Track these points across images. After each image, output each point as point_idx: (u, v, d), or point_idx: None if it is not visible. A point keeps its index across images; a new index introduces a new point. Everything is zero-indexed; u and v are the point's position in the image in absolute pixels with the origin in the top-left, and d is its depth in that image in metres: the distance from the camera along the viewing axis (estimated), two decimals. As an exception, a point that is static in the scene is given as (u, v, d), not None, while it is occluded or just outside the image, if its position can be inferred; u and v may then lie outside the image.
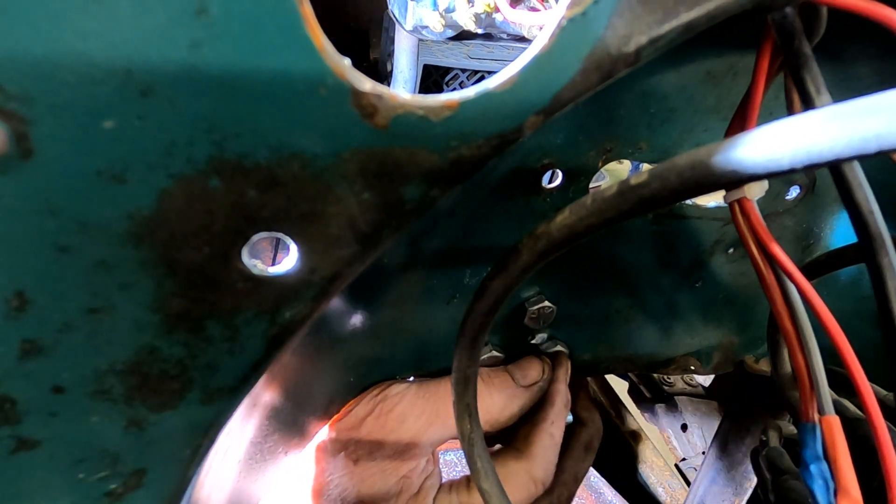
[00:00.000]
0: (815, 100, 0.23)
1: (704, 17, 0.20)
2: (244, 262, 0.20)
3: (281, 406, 0.39)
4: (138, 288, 0.20)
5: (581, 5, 0.19)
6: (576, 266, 0.42)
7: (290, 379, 0.38)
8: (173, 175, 0.18)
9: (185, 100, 0.17)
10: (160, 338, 0.21)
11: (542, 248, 0.23)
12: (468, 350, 0.29)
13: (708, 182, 0.17)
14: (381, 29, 1.32)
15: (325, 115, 0.18)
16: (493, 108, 0.20)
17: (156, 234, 0.19)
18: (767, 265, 0.25)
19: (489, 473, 0.33)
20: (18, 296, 0.19)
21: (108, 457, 0.23)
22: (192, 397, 0.23)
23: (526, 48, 0.20)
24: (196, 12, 0.16)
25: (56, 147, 0.16)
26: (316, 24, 0.17)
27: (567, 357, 0.47)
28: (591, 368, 0.50)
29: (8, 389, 0.20)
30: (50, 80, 0.15)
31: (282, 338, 0.23)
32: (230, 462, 0.39)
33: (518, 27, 0.98)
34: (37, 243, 0.18)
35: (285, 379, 0.38)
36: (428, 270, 0.37)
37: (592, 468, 0.64)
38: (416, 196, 0.21)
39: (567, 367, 0.46)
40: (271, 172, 0.19)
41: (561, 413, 0.46)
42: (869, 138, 0.14)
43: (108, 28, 0.15)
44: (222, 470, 0.38)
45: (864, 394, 0.23)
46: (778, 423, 0.37)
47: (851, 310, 0.46)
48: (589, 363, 0.49)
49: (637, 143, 0.34)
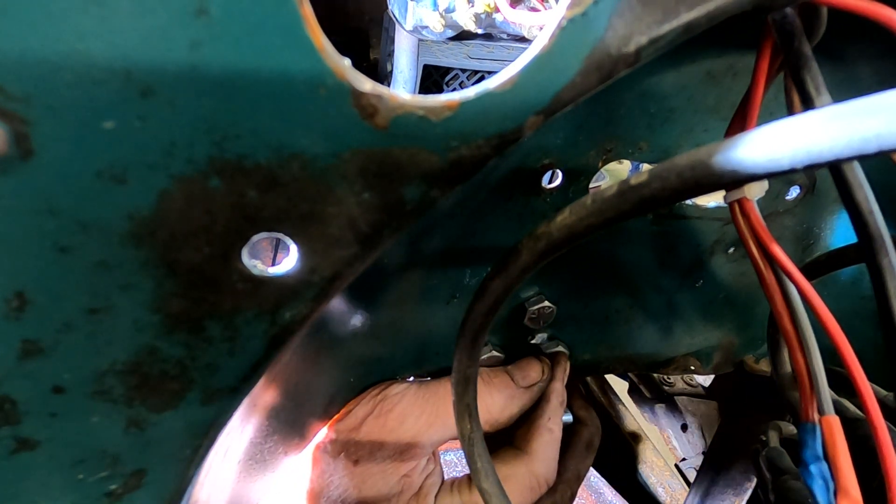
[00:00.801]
0: (815, 100, 0.23)
1: (704, 18, 0.20)
2: (244, 262, 0.20)
3: (281, 406, 0.39)
4: (138, 288, 0.20)
5: (581, 6, 0.19)
6: (576, 266, 0.42)
7: (290, 379, 0.38)
8: (173, 175, 0.18)
9: (185, 100, 0.17)
10: (160, 338, 0.21)
11: (542, 249, 0.23)
12: (468, 350, 0.29)
13: (708, 182, 0.17)
14: (381, 29, 1.32)
15: (325, 116, 0.18)
16: (494, 108, 0.20)
17: (156, 235, 0.19)
18: (767, 265, 0.25)
19: (489, 473, 0.33)
20: (18, 296, 0.19)
21: (108, 457, 0.23)
22: (193, 397, 0.23)
23: (526, 48, 0.20)
24: (196, 13, 0.16)
25: (56, 148, 0.16)
26: (316, 25, 0.17)
27: (566, 357, 0.47)
28: (592, 368, 0.50)
29: (8, 390, 0.20)
30: (50, 80, 0.15)
31: (282, 338, 0.23)
32: (230, 463, 0.39)
33: (518, 27, 0.98)
34: (37, 244, 0.18)
35: (285, 379, 0.38)
36: (428, 270, 0.37)
37: (592, 468, 0.64)
38: (417, 196, 0.21)
39: (565, 367, 0.47)
40: (271, 173, 0.19)
41: (557, 410, 0.46)
42: (869, 138, 0.14)
43: (108, 29, 0.15)
44: (222, 471, 0.38)
45: (864, 394, 0.23)
46: (778, 423, 0.37)
47: (851, 310, 0.46)
48: (589, 363, 0.49)
49: (637, 143, 0.34)
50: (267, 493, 0.41)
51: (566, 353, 0.47)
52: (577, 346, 0.47)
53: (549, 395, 0.46)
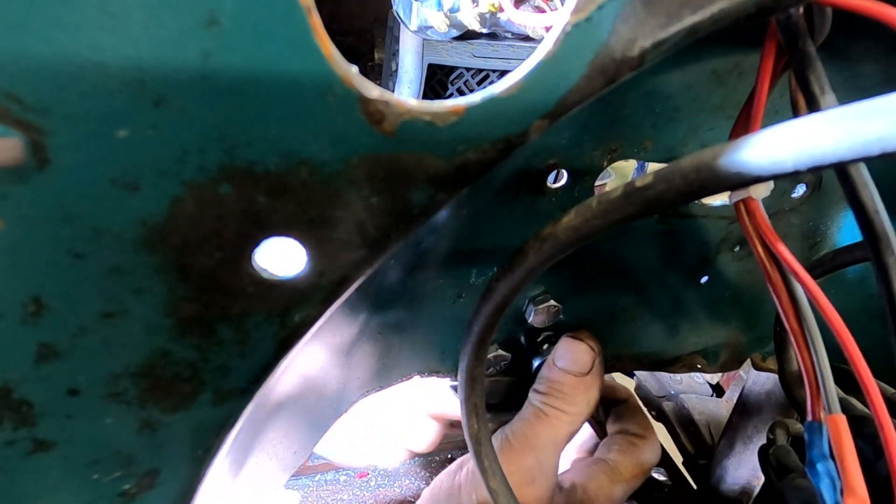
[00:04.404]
0: (820, 100, 0.23)
1: (709, 21, 0.20)
2: (254, 266, 0.21)
3: (292, 410, 0.39)
4: (151, 293, 0.20)
5: (586, 11, 0.19)
6: (581, 265, 0.42)
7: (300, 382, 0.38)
8: (185, 182, 0.18)
9: (197, 109, 0.17)
10: (173, 341, 0.21)
11: (548, 250, 0.23)
12: (475, 350, 0.29)
13: (712, 184, 0.18)
14: (386, 29, 1.32)
15: (333, 122, 0.18)
16: (499, 112, 0.20)
17: (168, 240, 0.19)
18: (773, 264, 0.25)
19: (496, 472, 0.33)
20: (35, 301, 0.19)
21: (121, 458, 0.24)
22: (204, 399, 0.23)
23: (530, 47, 0.20)
24: (207, 23, 0.16)
25: (71, 156, 0.17)
26: (324, 33, 0.17)
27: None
28: (598, 367, 0.50)
29: (25, 393, 0.21)
30: (66, 91, 0.16)
31: (291, 340, 0.23)
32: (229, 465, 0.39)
33: (523, 27, 0.97)
34: (53, 250, 0.18)
35: (296, 384, 0.38)
36: (433, 270, 0.38)
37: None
38: (424, 200, 0.21)
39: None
40: (281, 179, 0.19)
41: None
42: (872, 141, 0.14)
43: (122, 40, 0.16)
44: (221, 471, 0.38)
45: (871, 392, 0.23)
46: (785, 421, 0.37)
47: (858, 308, 0.46)
48: (595, 362, 0.49)
49: (642, 142, 0.35)
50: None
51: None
52: (584, 345, 0.47)
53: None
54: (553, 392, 0.42)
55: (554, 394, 0.42)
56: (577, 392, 0.42)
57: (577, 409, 0.42)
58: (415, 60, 1.24)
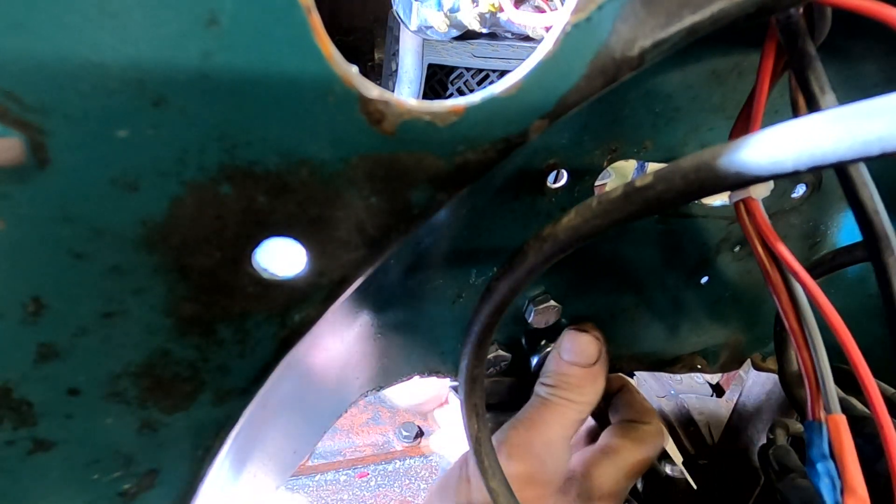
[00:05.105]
0: (820, 100, 0.23)
1: (708, 21, 0.20)
2: (254, 266, 0.21)
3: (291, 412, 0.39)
4: (151, 293, 0.20)
5: (585, 11, 0.19)
6: (581, 264, 0.42)
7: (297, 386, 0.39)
8: (185, 182, 0.18)
9: (197, 109, 0.17)
10: (173, 341, 0.21)
11: (548, 250, 0.23)
12: (475, 351, 0.29)
13: (712, 184, 0.18)
14: (386, 29, 1.32)
15: (333, 122, 0.18)
16: (499, 113, 0.20)
17: (168, 240, 0.19)
18: (773, 264, 0.25)
19: (496, 472, 0.33)
20: (35, 301, 0.19)
21: (121, 457, 0.24)
22: (204, 399, 0.23)
23: (530, 47, 0.20)
24: (207, 23, 0.16)
25: (71, 156, 0.17)
26: (324, 33, 0.17)
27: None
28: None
29: (25, 392, 0.21)
30: (66, 91, 0.16)
31: (291, 340, 0.23)
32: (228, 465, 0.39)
33: (523, 27, 0.97)
34: (53, 250, 0.18)
35: (296, 384, 0.38)
36: (433, 270, 0.38)
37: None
38: (423, 200, 0.21)
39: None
40: (281, 178, 0.19)
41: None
42: (871, 141, 0.14)
43: (123, 40, 0.16)
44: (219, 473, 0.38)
45: (871, 391, 0.23)
46: (785, 421, 0.37)
47: (858, 307, 0.46)
48: (595, 362, 0.49)
49: (642, 142, 0.35)
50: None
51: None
52: (584, 345, 0.47)
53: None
54: (561, 384, 0.42)
55: (562, 385, 0.42)
56: (585, 382, 0.42)
57: (586, 399, 0.42)
58: (415, 60, 1.24)
